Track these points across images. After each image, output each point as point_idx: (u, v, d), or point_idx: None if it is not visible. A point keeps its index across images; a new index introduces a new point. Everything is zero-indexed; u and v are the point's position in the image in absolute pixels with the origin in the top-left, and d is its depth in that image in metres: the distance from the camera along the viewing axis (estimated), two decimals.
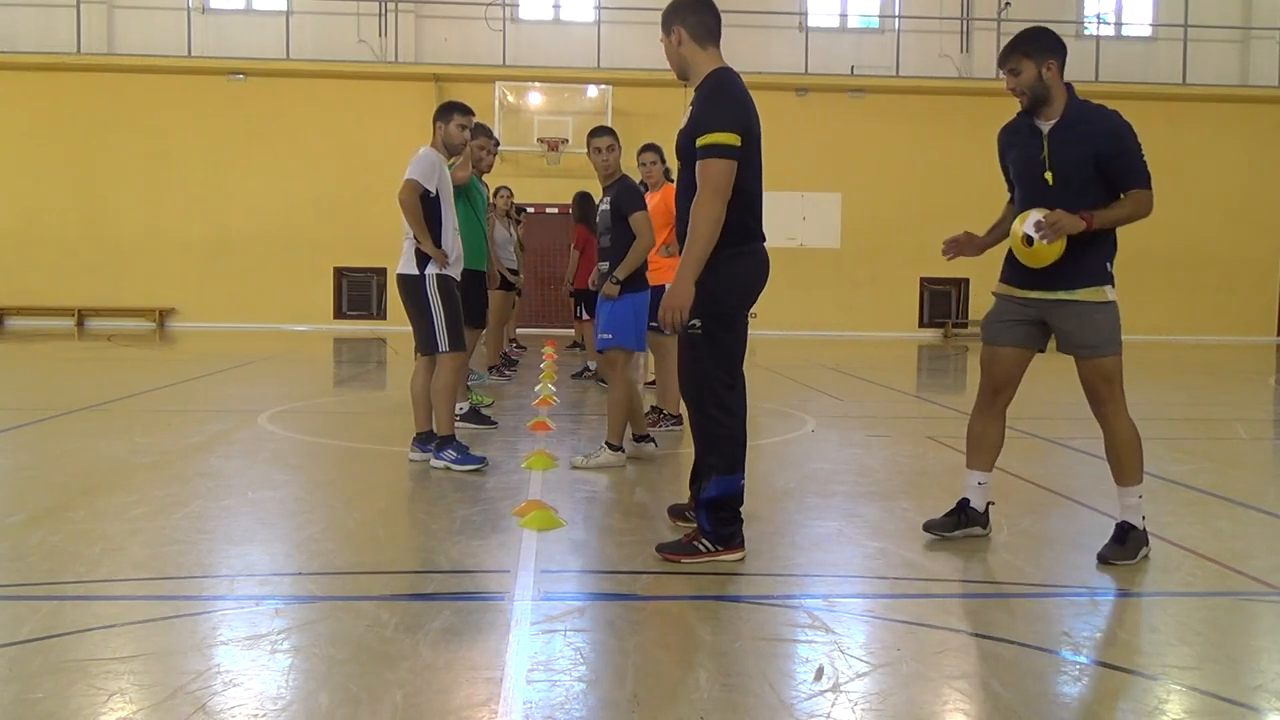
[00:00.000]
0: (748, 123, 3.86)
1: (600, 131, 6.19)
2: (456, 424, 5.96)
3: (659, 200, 7.05)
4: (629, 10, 19.07)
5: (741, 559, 3.93)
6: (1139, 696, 2.84)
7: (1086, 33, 21.18)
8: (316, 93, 19.27)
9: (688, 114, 3.95)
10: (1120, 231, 4.05)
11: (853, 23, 21.23)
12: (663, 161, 7.47)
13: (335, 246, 19.27)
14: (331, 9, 19.68)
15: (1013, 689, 2.80)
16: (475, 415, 7.25)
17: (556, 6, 20.54)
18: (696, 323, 3.86)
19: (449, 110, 5.90)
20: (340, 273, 19.70)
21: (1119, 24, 21.61)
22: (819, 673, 2.89)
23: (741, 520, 4.02)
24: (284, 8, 19.64)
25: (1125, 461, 4.08)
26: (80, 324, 19.04)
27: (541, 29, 20.37)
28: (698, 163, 3.81)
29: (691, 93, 4.03)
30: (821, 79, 19.99)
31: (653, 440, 6.28)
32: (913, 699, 2.74)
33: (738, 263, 3.89)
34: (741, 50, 20.34)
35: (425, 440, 5.96)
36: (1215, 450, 7.10)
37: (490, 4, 19.64)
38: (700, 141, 3.80)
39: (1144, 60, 20.89)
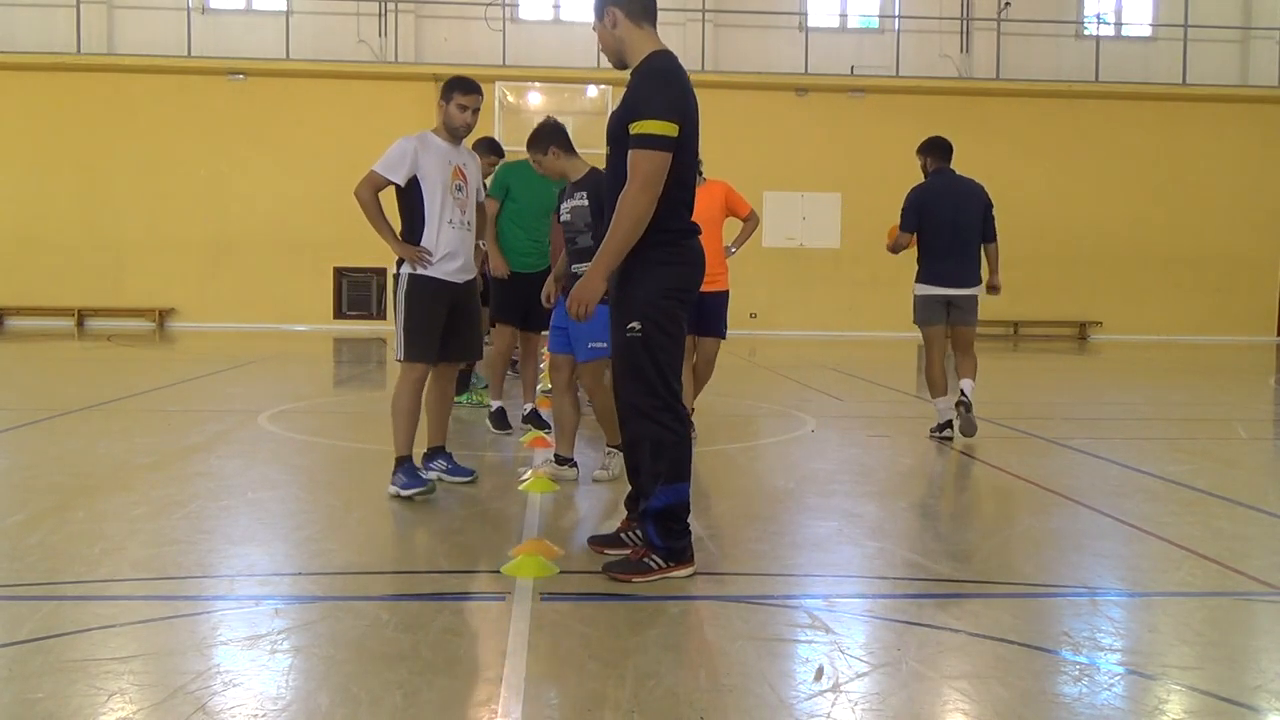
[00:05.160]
0: (687, 110, 3.61)
1: (530, 146, 5.52)
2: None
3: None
4: None
5: (692, 574, 3.73)
6: (1139, 696, 2.83)
7: (1086, 33, 21.19)
8: (316, 93, 19.27)
9: (623, 96, 3.70)
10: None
11: (853, 23, 21.25)
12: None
13: (335, 246, 19.26)
14: (331, 9, 19.68)
15: (1013, 689, 2.80)
16: (501, 418, 7.15)
17: (556, 6, 20.55)
18: (635, 325, 3.64)
19: (450, 89, 5.27)
20: (340, 273, 19.70)
21: (1119, 24, 21.62)
22: (819, 673, 2.88)
23: (690, 532, 3.77)
24: (284, 8, 19.64)
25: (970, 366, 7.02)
26: (80, 324, 19.03)
27: (541, 29, 20.38)
28: (630, 152, 3.55)
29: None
30: (821, 79, 19.99)
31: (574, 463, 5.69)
32: (913, 699, 2.74)
33: (674, 266, 3.69)
34: (741, 50, 20.47)
35: (432, 458, 5.40)
36: (1215, 450, 7.09)
37: (490, 4, 19.64)
38: (635, 129, 3.54)
39: (1144, 60, 20.90)
